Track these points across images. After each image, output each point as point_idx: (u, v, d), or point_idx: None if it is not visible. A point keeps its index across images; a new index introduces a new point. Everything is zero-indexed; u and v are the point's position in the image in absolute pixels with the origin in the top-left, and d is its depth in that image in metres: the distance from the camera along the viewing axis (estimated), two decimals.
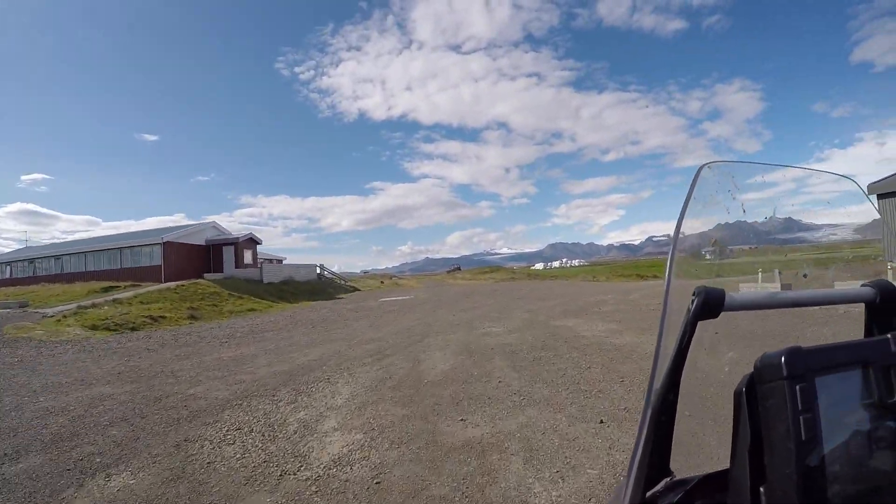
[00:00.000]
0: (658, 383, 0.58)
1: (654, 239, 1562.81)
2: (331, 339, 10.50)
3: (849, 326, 0.73)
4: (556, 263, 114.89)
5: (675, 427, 0.60)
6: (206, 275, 27.88)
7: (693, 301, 0.57)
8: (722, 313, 0.57)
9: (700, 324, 0.57)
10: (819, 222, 0.99)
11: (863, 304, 0.68)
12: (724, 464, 0.55)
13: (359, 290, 35.27)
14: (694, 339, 0.57)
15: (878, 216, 0.95)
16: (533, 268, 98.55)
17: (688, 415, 0.62)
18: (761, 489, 0.49)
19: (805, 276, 0.87)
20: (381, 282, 42.99)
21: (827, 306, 0.66)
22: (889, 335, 0.54)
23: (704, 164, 0.73)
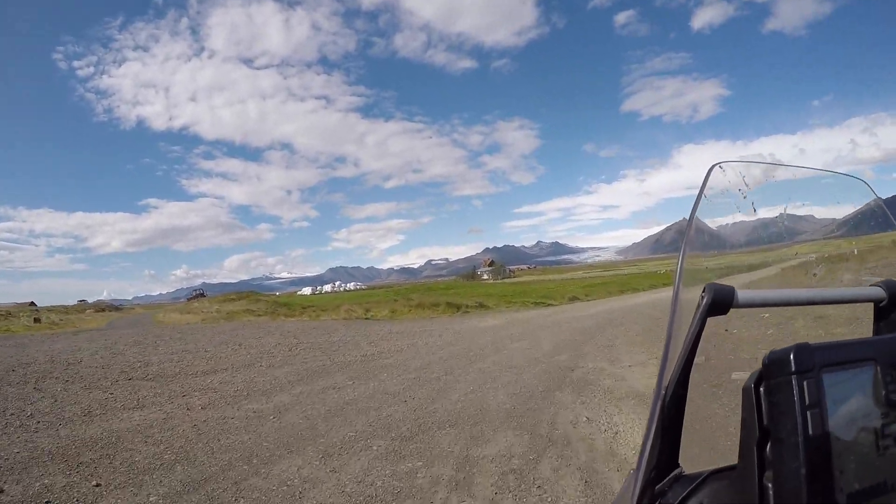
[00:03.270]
0: (667, 379, 0.58)
1: (433, 262, 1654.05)
2: None
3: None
4: (327, 287, 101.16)
5: (685, 422, 0.60)
6: None
7: (703, 298, 0.56)
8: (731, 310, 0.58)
9: (709, 320, 0.57)
10: (829, 219, 0.98)
11: (871, 304, 0.68)
12: (733, 459, 0.53)
13: None
14: (703, 334, 0.57)
15: (889, 216, 0.88)
16: (300, 293, 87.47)
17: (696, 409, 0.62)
18: (769, 484, 0.47)
19: (815, 274, 0.87)
20: (36, 319, 27.70)
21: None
22: None
23: (716, 164, 0.74)
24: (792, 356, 0.47)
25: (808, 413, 0.45)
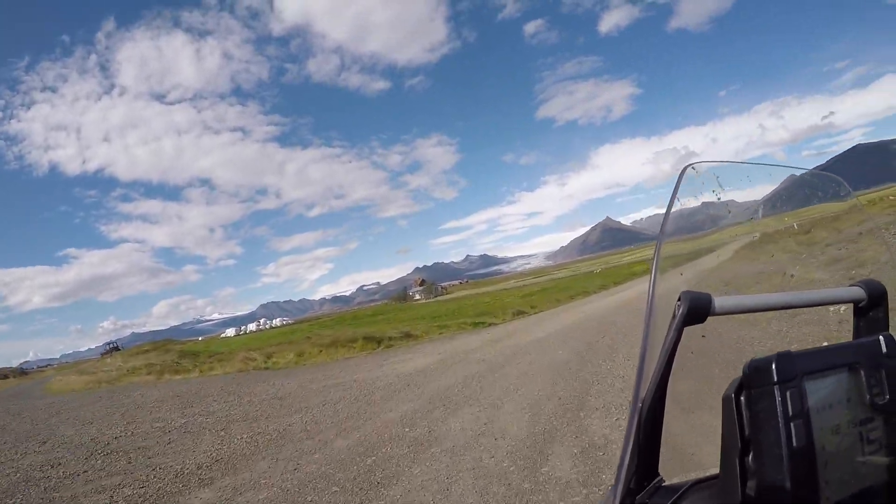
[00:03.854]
0: (644, 390, 0.56)
1: (365, 288, 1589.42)
2: None
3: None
4: (252, 326, 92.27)
5: (664, 432, 0.58)
6: None
7: (678, 307, 0.53)
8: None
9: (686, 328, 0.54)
10: (806, 217, 0.96)
11: (851, 305, 0.66)
12: (715, 469, 0.53)
13: None
14: (680, 342, 0.54)
15: (863, 210, 0.89)
16: (223, 335, 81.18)
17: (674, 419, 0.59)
18: (752, 495, 0.47)
19: (792, 276, 0.86)
20: None
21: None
22: (879, 336, 0.53)
23: (688, 165, 0.72)
24: (774, 365, 0.46)
25: (792, 424, 0.44)
